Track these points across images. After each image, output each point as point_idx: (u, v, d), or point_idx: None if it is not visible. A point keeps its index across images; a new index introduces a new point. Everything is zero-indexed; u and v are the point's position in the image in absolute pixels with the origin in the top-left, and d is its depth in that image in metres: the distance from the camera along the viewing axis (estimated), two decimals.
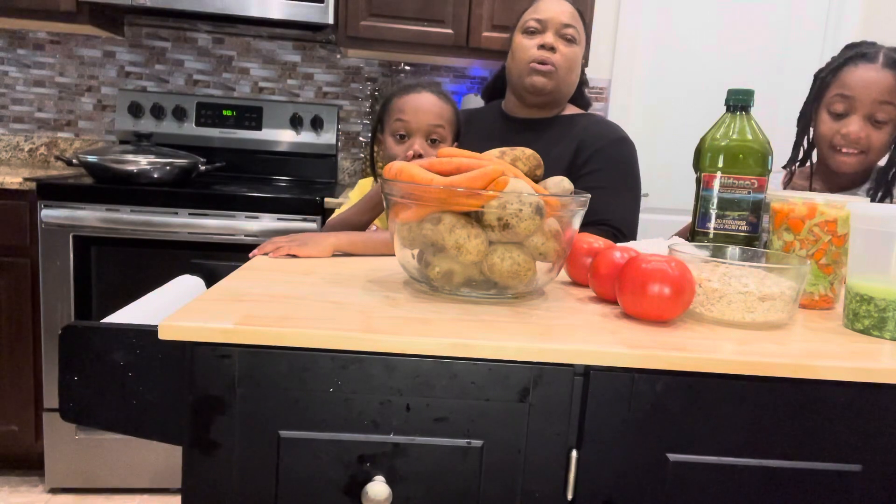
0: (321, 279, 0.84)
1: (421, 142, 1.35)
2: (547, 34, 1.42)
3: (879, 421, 0.67)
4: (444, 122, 1.36)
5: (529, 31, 1.43)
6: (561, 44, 1.42)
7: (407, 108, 1.36)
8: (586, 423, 0.66)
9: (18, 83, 2.51)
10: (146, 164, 2.00)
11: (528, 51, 1.42)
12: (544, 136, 1.46)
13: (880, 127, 1.28)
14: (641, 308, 0.73)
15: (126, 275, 1.98)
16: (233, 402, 0.64)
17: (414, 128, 1.35)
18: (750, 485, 0.67)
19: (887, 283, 0.74)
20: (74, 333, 0.64)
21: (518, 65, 1.44)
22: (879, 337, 0.75)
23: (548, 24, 1.42)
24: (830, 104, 1.30)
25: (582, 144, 1.42)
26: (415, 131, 1.35)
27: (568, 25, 1.42)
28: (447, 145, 1.38)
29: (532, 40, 1.42)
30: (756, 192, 0.91)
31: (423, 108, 1.36)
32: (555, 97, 1.46)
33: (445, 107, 1.38)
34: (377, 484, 0.64)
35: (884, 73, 1.26)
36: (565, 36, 1.43)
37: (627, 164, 1.45)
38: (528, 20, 1.43)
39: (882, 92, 1.25)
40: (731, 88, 0.94)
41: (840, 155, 1.30)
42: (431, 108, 1.36)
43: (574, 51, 1.45)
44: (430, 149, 1.35)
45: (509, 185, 0.73)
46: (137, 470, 2.04)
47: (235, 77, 2.60)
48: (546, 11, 1.43)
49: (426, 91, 1.38)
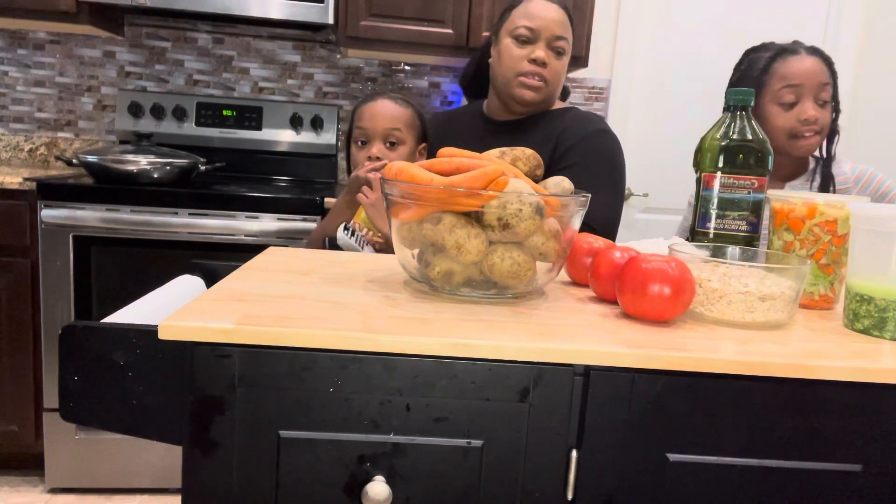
0: (321, 279, 0.84)
1: (379, 146, 1.46)
2: (539, 46, 1.37)
3: (879, 421, 0.67)
4: (400, 124, 1.46)
5: (520, 40, 1.38)
6: (552, 57, 1.39)
7: (364, 115, 1.48)
8: (586, 423, 0.66)
9: (18, 83, 2.51)
10: (146, 164, 2.00)
11: (518, 62, 1.38)
12: (526, 138, 1.44)
13: (825, 107, 1.42)
14: (641, 308, 0.73)
15: (126, 275, 1.98)
16: (233, 402, 0.64)
17: (371, 133, 1.47)
18: (750, 485, 0.67)
19: (887, 283, 0.74)
20: (74, 333, 0.64)
21: (506, 73, 1.40)
22: (879, 337, 0.75)
23: (540, 34, 1.37)
24: (779, 97, 1.41)
25: (559, 139, 1.39)
26: (372, 136, 1.47)
27: (559, 37, 1.38)
28: (408, 146, 1.50)
29: (522, 50, 1.38)
30: (756, 192, 0.91)
31: (379, 114, 1.47)
32: (542, 106, 1.45)
33: (401, 110, 1.48)
34: (377, 484, 0.64)
35: (815, 59, 1.41)
36: (556, 49, 1.39)
37: (606, 157, 1.40)
38: (520, 26, 1.38)
39: (822, 75, 1.40)
40: (730, 88, 0.94)
41: (803, 140, 1.41)
42: (387, 113, 1.47)
43: (563, 63, 1.42)
44: (389, 151, 1.47)
45: (509, 185, 0.73)
46: (137, 470, 2.04)
47: (235, 77, 2.60)
48: (539, 19, 1.37)
49: (382, 98, 1.49)
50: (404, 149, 1.48)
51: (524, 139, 1.43)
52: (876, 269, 0.75)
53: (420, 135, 1.52)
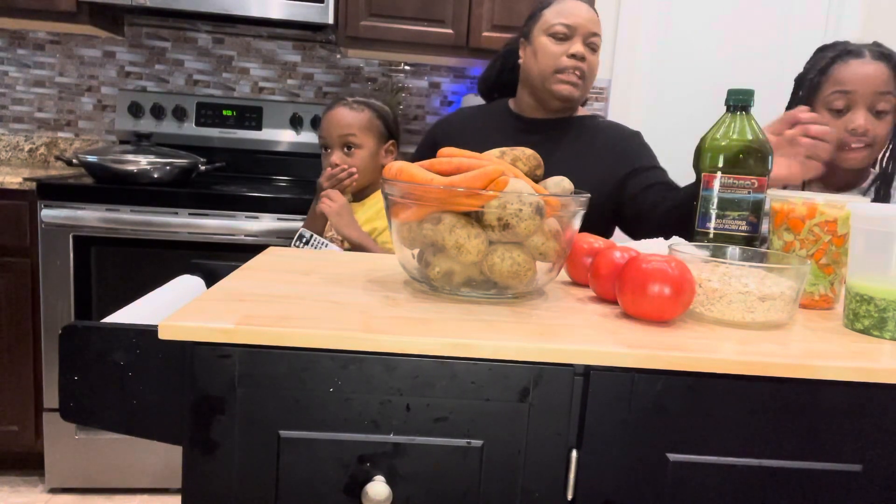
0: (321, 279, 0.84)
1: (337, 153, 1.58)
2: (576, 42, 1.41)
3: (879, 421, 0.67)
4: (354, 129, 1.57)
5: (557, 37, 1.42)
6: (588, 52, 1.43)
7: (323, 124, 1.60)
8: (586, 423, 0.66)
9: (18, 83, 2.51)
10: (146, 164, 2.00)
11: (557, 58, 1.41)
12: (561, 139, 1.47)
13: (882, 118, 1.30)
14: (641, 308, 0.73)
15: (126, 275, 1.98)
16: (233, 402, 0.64)
17: (330, 141, 1.59)
18: (750, 485, 0.67)
19: (887, 283, 0.74)
20: (74, 333, 0.64)
21: (543, 69, 1.43)
22: (880, 337, 0.75)
23: (577, 31, 1.41)
24: (829, 102, 1.32)
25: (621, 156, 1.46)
26: (331, 144, 1.59)
27: (594, 34, 1.43)
28: (367, 149, 1.59)
29: (560, 46, 1.42)
30: (756, 192, 0.91)
31: (333, 122, 1.59)
32: (575, 103, 1.48)
33: (355, 115, 1.58)
34: (377, 484, 0.64)
35: (878, 65, 1.29)
36: (591, 45, 1.44)
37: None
38: (556, 24, 1.42)
39: (880, 83, 1.29)
40: (731, 88, 0.94)
41: (849, 151, 1.31)
42: (340, 121, 1.58)
43: (597, 59, 1.47)
44: (347, 157, 1.57)
45: (509, 185, 0.73)
46: (137, 470, 2.04)
47: (235, 77, 2.60)
48: (574, 17, 1.42)
49: (338, 106, 1.60)
50: (362, 152, 1.58)
51: (560, 140, 1.47)
52: (876, 269, 0.75)
53: (382, 134, 1.61)
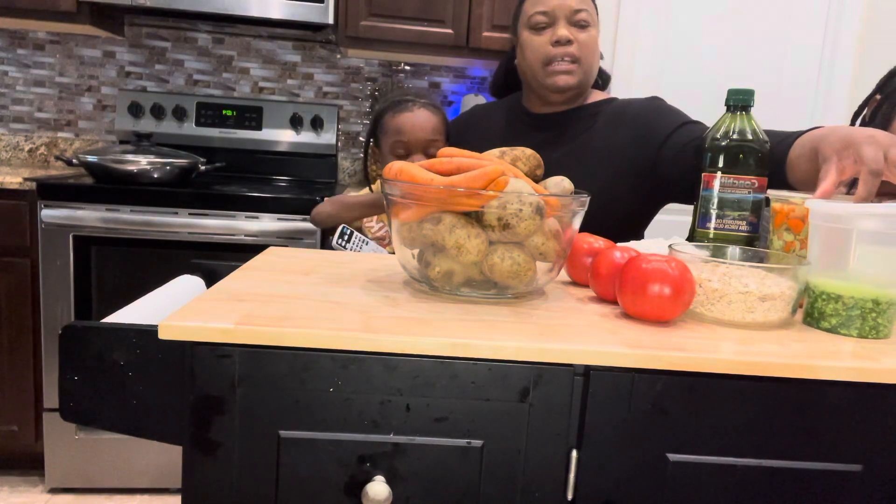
0: (321, 279, 0.84)
1: (419, 158, 1.40)
2: (558, 26, 1.28)
3: (879, 421, 0.67)
4: (438, 134, 1.43)
5: (538, 28, 1.30)
6: (575, 31, 1.29)
7: (404, 127, 1.41)
8: (586, 423, 0.66)
9: (18, 83, 2.51)
10: (146, 164, 2.00)
11: (540, 49, 1.29)
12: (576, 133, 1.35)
13: None
14: (641, 308, 0.73)
15: (126, 275, 1.98)
16: (233, 402, 0.64)
17: (413, 146, 1.41)
18: (750, 485, 0.67)
19: (852, 281, 0.74)
20: (74, 333, 0.64)
21: (531, 65, 1.32)
22: (847, 335, 0.75)
23: (556, 14, 1.29)
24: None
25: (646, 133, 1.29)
26: (413, 149, 1.41)
27: (578, 10, 1.29)
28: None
29: (542, 36, 1.29)
30: (756, 192, 0.91)
31: (419, 126, 1.41)
32: (581, 89, 1.35)
33: (438, 119, 1.45)
34: (377, 484, 0.64)
35: None
36: (578, 23, 1.29)
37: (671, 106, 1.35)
38: (533, 14, 1.30)
39: None
40: (731, 88, 0.94)
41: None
42: (426, 125, 1.42)
43: (591, 34, 1.31)
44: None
45: (509, 185, 0.73)
46: (137, 470, 2.04)
47: (235, 77, 2.60)
48: (550, 1, 1.29)
49: (419, 108, 1.43)
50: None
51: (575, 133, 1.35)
52: (837, 267, 0.75)
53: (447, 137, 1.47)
